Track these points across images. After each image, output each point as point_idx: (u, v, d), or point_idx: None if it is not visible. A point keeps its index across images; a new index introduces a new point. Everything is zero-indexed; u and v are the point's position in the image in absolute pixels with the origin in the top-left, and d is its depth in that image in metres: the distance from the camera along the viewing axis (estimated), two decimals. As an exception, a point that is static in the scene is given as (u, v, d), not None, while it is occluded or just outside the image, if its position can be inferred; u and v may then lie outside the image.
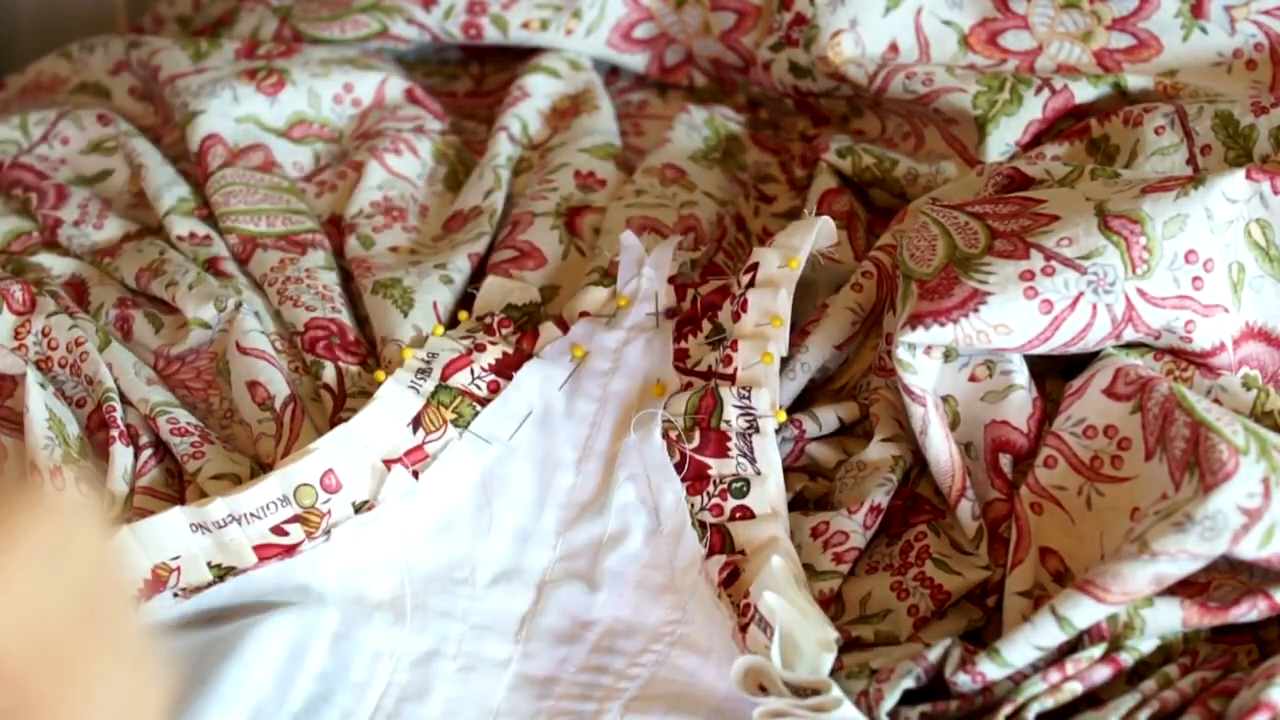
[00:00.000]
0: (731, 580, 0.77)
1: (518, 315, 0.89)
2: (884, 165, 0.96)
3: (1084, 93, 0.94)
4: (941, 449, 0.78)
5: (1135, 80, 0.94)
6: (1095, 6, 0.96)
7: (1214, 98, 0.90)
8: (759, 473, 0.80)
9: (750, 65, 1.05)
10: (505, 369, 0.86)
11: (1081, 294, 0.77)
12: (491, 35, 1.07)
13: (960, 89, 0.94)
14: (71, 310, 0.91)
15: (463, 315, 0.90)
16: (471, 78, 1.13)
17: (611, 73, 1.11)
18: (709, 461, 0.80)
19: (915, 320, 0.78)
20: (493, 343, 0.87)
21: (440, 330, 0.88)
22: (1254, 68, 0.94)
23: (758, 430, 0.81)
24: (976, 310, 0.77)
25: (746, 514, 0.79)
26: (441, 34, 1.07)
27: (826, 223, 0.85)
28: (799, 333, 0.87)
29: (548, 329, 0.88)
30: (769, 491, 0.79)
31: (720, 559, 0.78)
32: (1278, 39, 0.94)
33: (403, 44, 1.09)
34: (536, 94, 1.05)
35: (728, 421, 0.81)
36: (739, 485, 0.80)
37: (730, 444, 0.81)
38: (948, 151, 0.96)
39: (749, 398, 0.81)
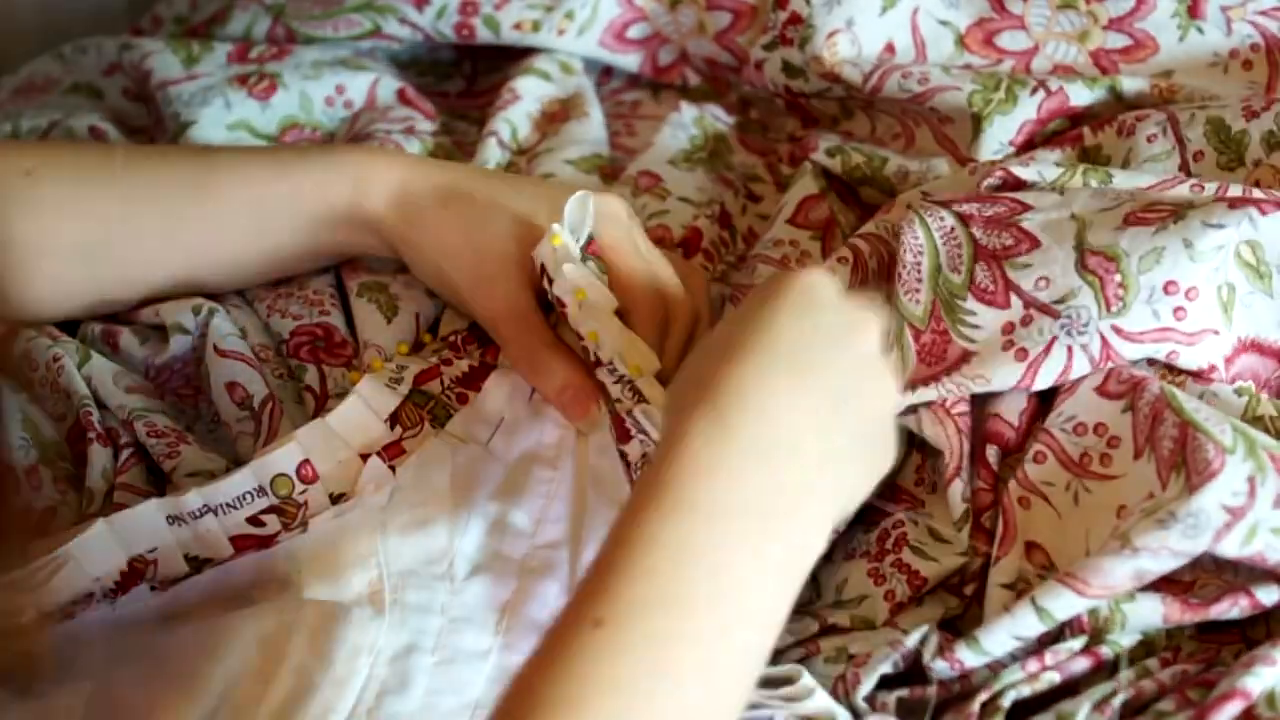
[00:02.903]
0: None
1: (481, 332, 0.89)
2: (874, 163, 0.95)
3: (1079, 95, 0.93)
4: (939, 429, 0.78)
5: (1130, 83, 0.93)
6: (1092, 7, 0.96)
7: (1206, 103, 0.89)
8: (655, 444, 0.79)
9: (744, 65, 1.05)
10: (472, 382, 0.86)
11: (1055, 338, 0.77)
12: (484, 36, 1.06)
13: (956, 87, 0.94)
14: (53, 335, 0.91)
15: (426, 337, 0.91)
16: (464, 78, 1.13)
17: (604, 73, 1.11)
18: (624, 449, 0.80)
19: (911, 386, 0.78)
20: (459, 358, 0.87)
21: (405, 348, 0.89)
22: (1250, 68, 0.93)
23: (638, 394, 0.80)
24: (959, 368, 0.78)
25: None
26: (434, 34, 1.07)
27: (582, 200, 0.83)
28: None
29: None
30: None
31: None
32: (1274, 39, 0.93)
33: (395, 44, 1.09)
34: (527, 97, 1.05)
35: (618, 400, 0.81)
36: (641, 468, 0.79)
37: (627, 423, 0.80)
38: (939, 151, 0.96)
39: (613, 364, 0.81)
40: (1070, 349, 0.77)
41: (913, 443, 0.81)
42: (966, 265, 0.80)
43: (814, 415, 0.66)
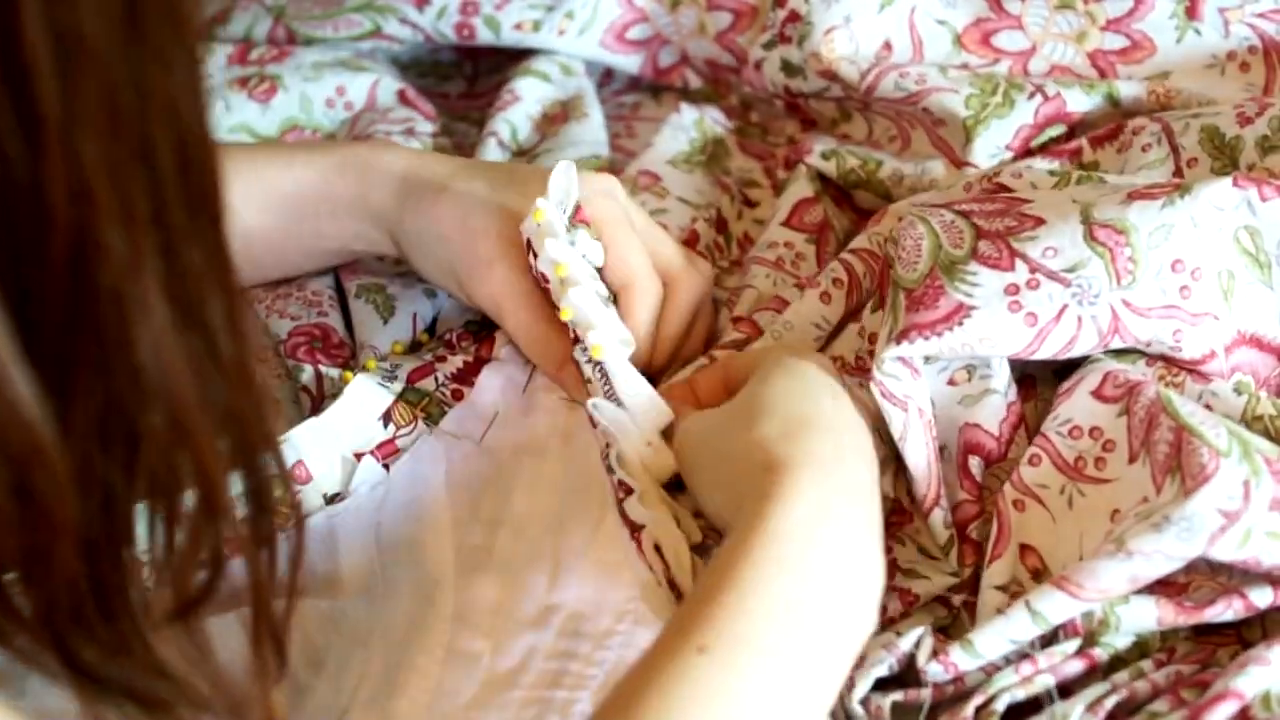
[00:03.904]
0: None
1: (476, 329, 0.90)
2: (869, 167, 0.95)
3: (1077, 101, 0.93)
4: (921, 457, 0.78)
5: (1127, 88, 0.93)
6: (1090, 7, 0.96)
7: (1200, 111, 0.90)
8: (616, 438, 0.79)
9: (744, 66, 1.05)
10: (466, 377, 0.87)
11: (1066, 306, 0.77)
12: (484, 36, 1.06)
13: (953, 90, 0.94)
14: None
15: (423, 337, 0.91)
16: (464, 79, 1.13)
17: (605, 75, 1.11)
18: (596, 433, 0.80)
19: (903, 336, 0.78)
20: (453, 354, 0.88)
21: (400, 348, 0.89)
22: (1247, 70, 0.94)
23: (605, 376, 0.80)
24: (961, 324, 0.77)
25: (627, 490, 0.77)
26: (434, 34, 1.07)
27: (567, 168, 0.83)
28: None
29: (503, 333, 0.88)
30: (629, 458, 0.78)
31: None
32: (1271, 41, 0.93)
33: (396, 44, 1.09)
34: (527, 98, 1.05)
35: (588, 381, 0.81)
36: (607, 458, 0.79)
37: (589, 412, 0.80)
38: (934, 154, 0.96)
39: (585, 344, 0.81)
40: (1080, 319, 0.77)
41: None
42: (969, 243, 0.80)
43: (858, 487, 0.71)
